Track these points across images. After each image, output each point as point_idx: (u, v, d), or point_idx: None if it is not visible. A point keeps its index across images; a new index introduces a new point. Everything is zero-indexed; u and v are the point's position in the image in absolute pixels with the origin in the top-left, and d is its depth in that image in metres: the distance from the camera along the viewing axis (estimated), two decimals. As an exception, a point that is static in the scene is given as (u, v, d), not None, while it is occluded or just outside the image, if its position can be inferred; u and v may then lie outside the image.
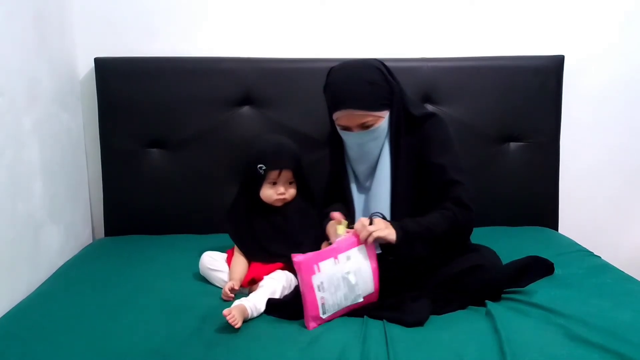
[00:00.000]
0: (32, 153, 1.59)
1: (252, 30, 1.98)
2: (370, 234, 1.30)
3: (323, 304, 1.27)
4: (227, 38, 1.97)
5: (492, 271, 1.37)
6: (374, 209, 1.45)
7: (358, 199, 1.53)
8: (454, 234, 1.39)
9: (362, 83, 1.40)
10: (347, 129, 1.45)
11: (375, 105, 1.42)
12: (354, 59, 1.50)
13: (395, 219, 1.40)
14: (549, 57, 1.95)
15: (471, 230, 1.47)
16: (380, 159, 1.48)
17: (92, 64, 1.91)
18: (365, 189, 1.53)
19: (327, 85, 1.47)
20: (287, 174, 1.55)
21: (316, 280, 1.27)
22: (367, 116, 1.41)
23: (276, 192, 1.55)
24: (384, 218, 1.38)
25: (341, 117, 1.44)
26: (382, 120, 1.44)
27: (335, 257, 1.30)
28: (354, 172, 1.54)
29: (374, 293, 1.35)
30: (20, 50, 1.56)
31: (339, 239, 1.35)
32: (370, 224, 1.32)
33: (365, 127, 1.43)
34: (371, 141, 1.46)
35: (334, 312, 1.30)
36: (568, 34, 2.00)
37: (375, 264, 1.34)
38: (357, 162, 1.52)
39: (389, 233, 1.32)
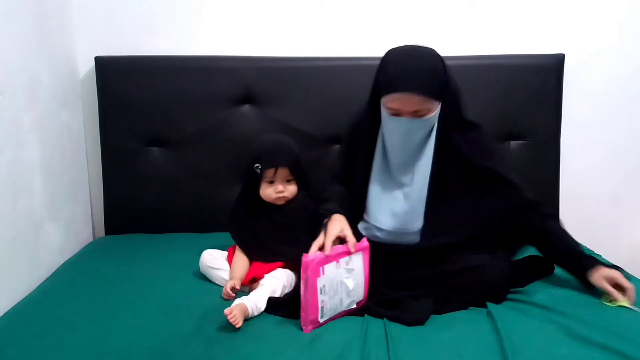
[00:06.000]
0: (33, 151, 1.59)
1: (252, 29, 1.97)
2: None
3: (322, 308, 1.26)
4: (228, 36, 1.97)
5: (493, 273, 1.36)
6: (411, 204, 1.43)
7: (383, 190, 1.46)
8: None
9: (425, 68, 1.33)
10: (397, 113, 1.37)
11: (434, 93, 1.34)
12: (413, 44, 1.40)
13: (428, 218, 1.41)
14: (549, 56, 1.95)
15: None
16: (423, 153, 1.42)
17: (93, 63, 1.91)
18: (397, 183, 1.45)
19: (385, 65, 1.37)
20: (283, 172, 1.54)
21: (320, 283, 1.25)
22: (424, 102, 1.33)
23: (275, 190, 1.54)
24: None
25: (395, 99, 1.34)
26: (434, 112, 1.37)
27: (337, 261, 1.29)
28: (383, 164, 1.47)
29: (362, 300, 1.35)
30: (21, 48, 1.55)
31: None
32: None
33: (416, 114, 1.36)
34: (418, 131, 1.39)
35: (330, 316, 1.29)
36: (568, 32, 2.00)
37: (367, 271, 1.34)
38: (396, 151, 1.43)
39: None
